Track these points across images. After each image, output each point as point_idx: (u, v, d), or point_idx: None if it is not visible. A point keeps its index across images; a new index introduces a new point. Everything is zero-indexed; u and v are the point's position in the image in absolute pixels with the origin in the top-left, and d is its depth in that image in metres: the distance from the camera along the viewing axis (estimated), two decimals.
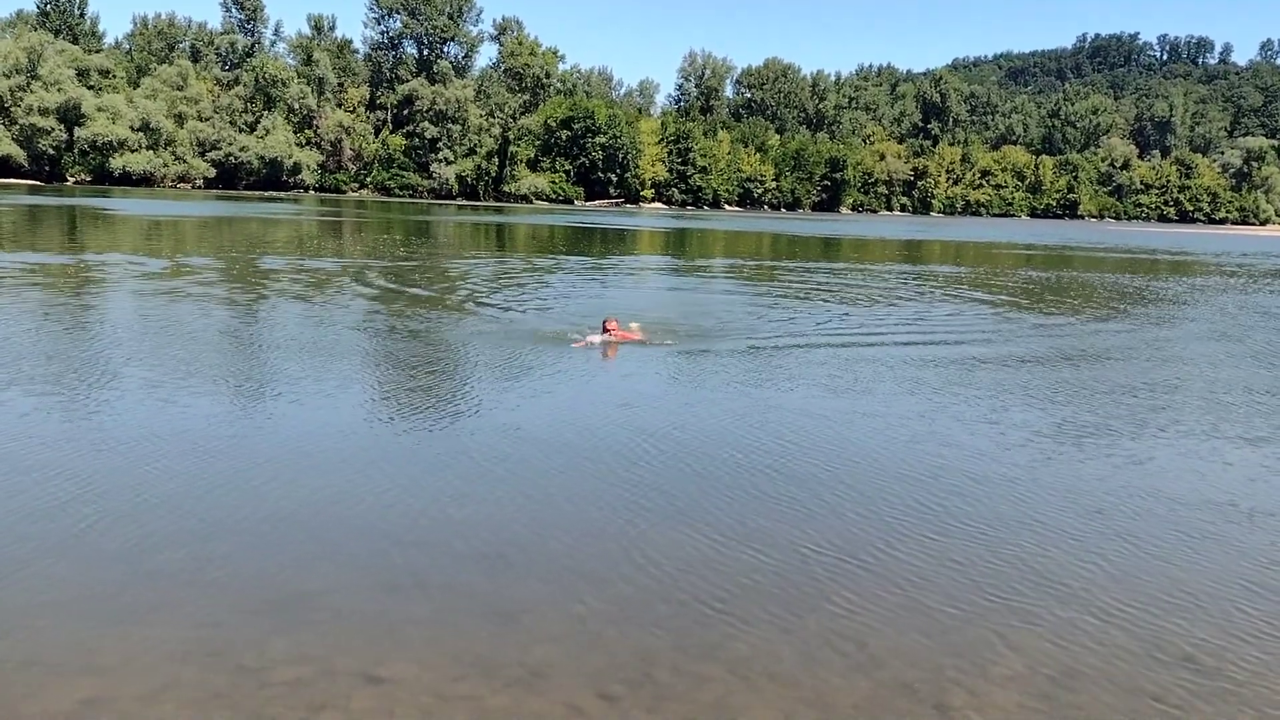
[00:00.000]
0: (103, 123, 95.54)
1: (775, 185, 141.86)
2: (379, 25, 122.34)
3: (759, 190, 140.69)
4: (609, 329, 14.96)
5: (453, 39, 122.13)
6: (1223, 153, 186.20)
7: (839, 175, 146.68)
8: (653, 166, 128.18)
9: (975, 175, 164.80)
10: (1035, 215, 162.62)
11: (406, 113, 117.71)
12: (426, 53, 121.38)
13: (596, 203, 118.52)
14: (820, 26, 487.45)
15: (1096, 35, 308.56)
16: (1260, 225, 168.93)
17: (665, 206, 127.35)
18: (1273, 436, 10.62)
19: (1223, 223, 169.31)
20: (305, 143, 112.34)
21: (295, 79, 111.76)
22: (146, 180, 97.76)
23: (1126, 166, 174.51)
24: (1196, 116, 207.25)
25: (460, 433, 9.55)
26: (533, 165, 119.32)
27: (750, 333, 17.01)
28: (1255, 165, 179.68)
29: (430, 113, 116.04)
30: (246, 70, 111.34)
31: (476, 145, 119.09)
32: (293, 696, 4.63)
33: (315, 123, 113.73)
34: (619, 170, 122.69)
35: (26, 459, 7.95)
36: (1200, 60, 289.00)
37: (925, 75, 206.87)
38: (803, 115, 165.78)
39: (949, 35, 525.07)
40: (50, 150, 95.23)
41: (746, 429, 9.95)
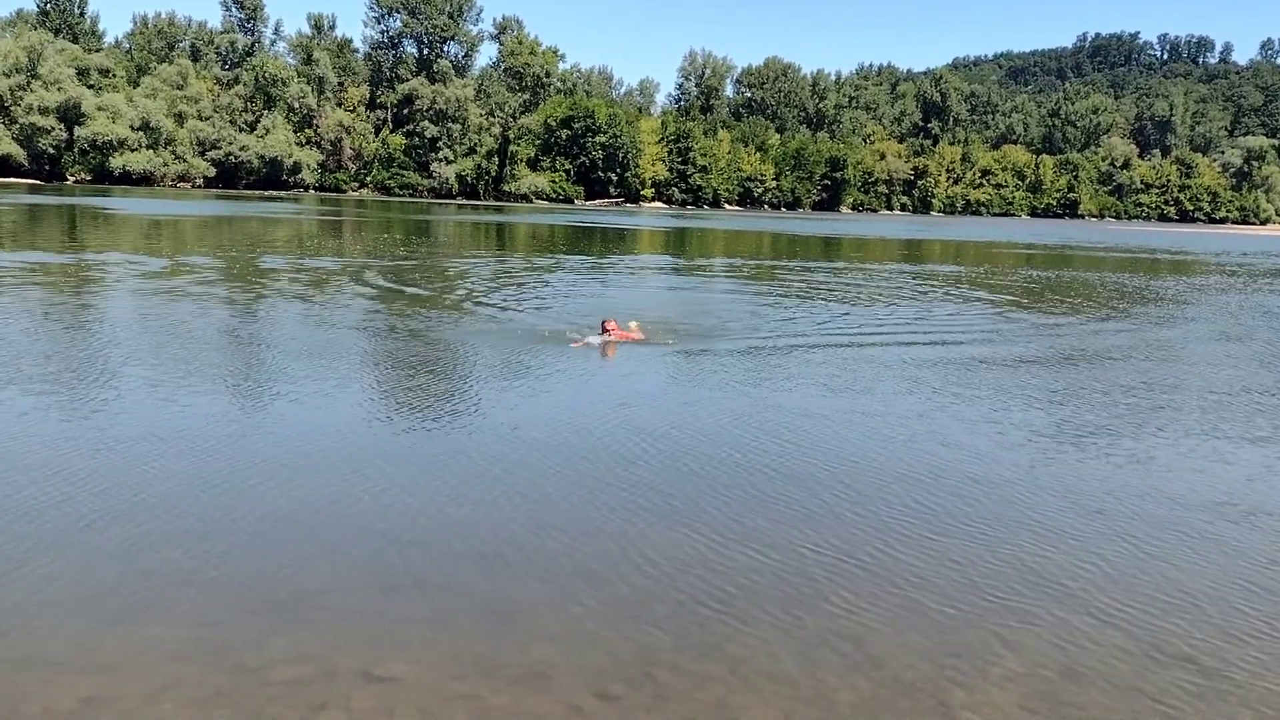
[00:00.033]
0: (103, 122, 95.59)
1: (775, 185, 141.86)
2: (379, 24, 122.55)
3: (759, 190, 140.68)
4: (608, 329, 14.92)
5: (453, 38, 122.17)
6: (1223, 152, 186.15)
7: (839, 175, 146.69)
8: (653, 166, 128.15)
9: (975, 175, 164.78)
10: (1035, 215, 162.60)
11: (406, 112, 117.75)
12: (426, 52, 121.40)
13: (596, 202, 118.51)
14: (820, 26, 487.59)
15: (1097, 35, 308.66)
16: (1260, 225, 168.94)
17: (665, 206, 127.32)
18: (1273, 436, 10.62)
19: (1223, 222, 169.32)
20: (305, 142, 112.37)
21: (295, 78, 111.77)
22: (146, 179, 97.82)
23: (1127, 166, 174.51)
24: (1197, 116, 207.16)
25: (459, 432, 9.55)
26: (533, 165, 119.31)
27: (750, 332, 17.01)
28: (1255, 165, 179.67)
29: (430, 112, 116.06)
30: (246, 69, 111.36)
31: (476, 144, 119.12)
32: (293, 696, 4.63)
33: (315, 122, 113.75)
34: (619, 170, 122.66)
35: (25, 458, 7.96)
36: (1200, 59, 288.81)
37: (925, 74, 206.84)
38: (803, 114, 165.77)
39: (949, 34, 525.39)
40: (50, 149, 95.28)
41: (745, 429, 9.95)
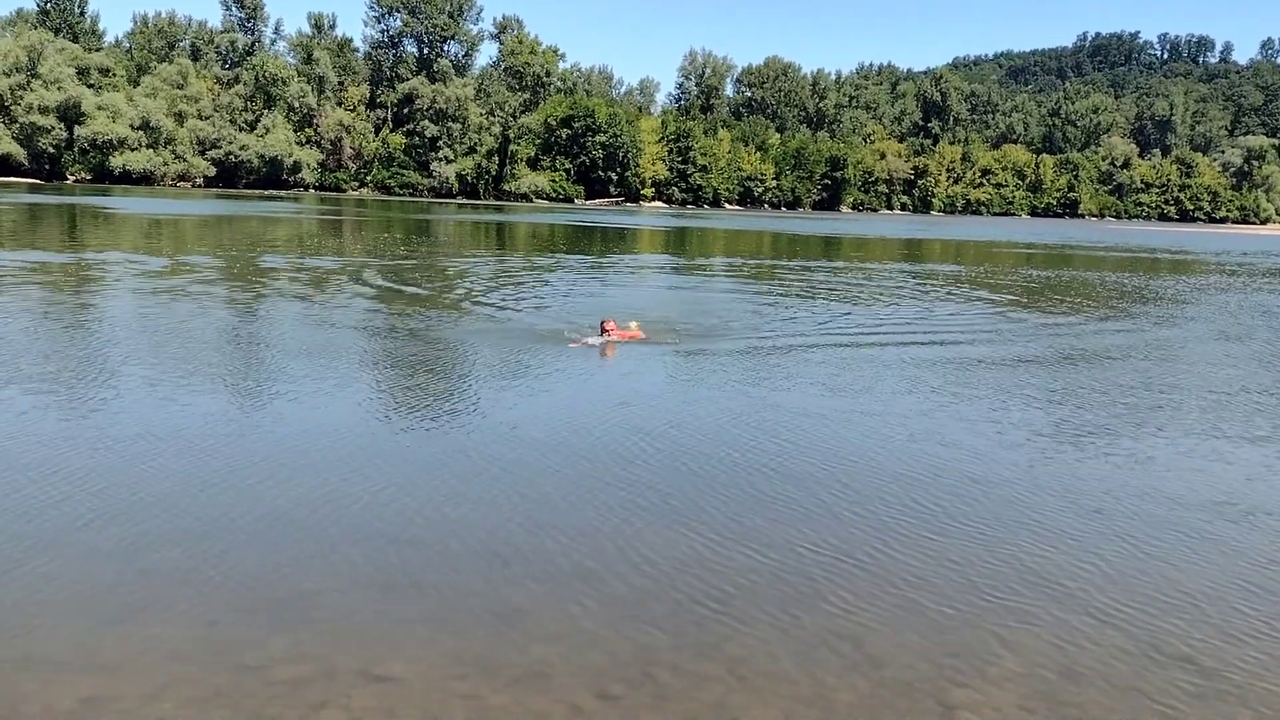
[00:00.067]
0: (103, 121, 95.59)
1: (775, 184, 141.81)
2: (379, 24, 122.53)
3: (759, 189, 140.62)
4: (607, 329, 14.88)
5: (453, 37, 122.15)
6: (1223, 152, 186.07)
7: (839, 174, 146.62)
8: (653, 165, 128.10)
9: (976, 174, 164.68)
10: (1036, 214, 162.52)
11: (407, 111, 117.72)
12: (427, 51, 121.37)
13: (597, 201, 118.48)
14: (821, 25, 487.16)
15: (1097, 34, 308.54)
16: (1261, 224, 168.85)
17: (665, 205, 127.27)
18: (1272, 436, 10.62)
19: (1223, 221, 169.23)
20: (305, 141, 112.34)
21: (295, 78, 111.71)
22: (146, 179, 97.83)
23: (1127, 165, 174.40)
24: (1197, 115, 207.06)
25: (458, 432, 9.56)
26: (533, 164, 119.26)
27: (750, 332, 17.01)
28: (1256, 164, 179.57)
29: (430, 111, 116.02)
30: (246, 69, 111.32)
31: (477, 144, 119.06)
32: (293, 695, 4.64)
33: (315, 121, 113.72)
34: (619, 169, 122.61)
35: (24, 457, 7.97)
36: (1201, 59, 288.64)
37: (926, 74, 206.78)
38: (803, 114, 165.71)
39: (949, 34, 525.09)
40: (50, 149, 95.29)
41: (744, 428, 9.95)
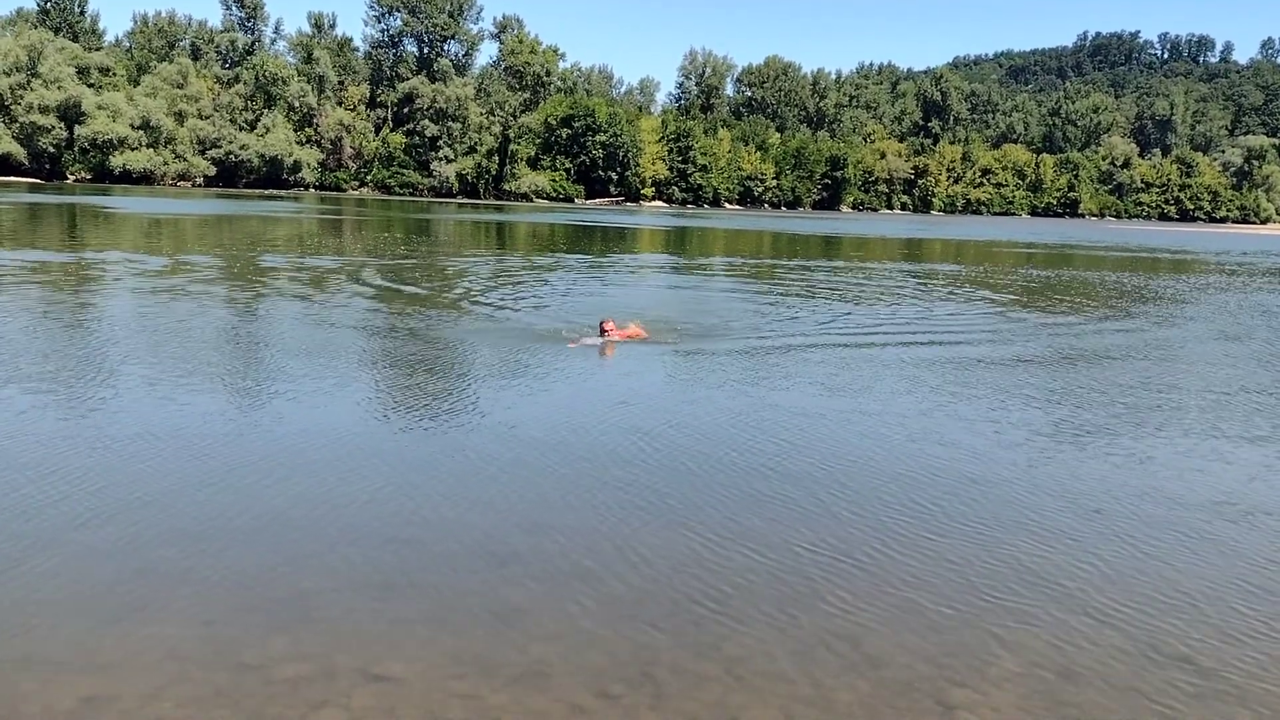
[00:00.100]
0: (103, 121, 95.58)
1: (776, 184, 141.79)
2: (379, 23, 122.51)
3: (759, 189, 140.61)
4: (606, 329, 14.85)
5: (453, 37, 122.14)
6: (1223, 151, 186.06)
7: (839, 174, 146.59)
8: (653, 165, 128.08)
9: (976, 174, 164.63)
10: (1036, 214, 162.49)
11: (407, 111, 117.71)
12: (427, 51, 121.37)
13: (597, 201, 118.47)
14: (821, 25, 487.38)
15: (1097, 34, 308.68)
16: (1261, 224, 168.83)
17: (666, 205, 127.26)
18: (1271, 436, 10.62)
19: (1223, 221, 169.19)
20: (305, 141, 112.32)
21: (295, 77, 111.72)
22: (146, 178, 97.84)
23: (1127, 165, 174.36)
24: (1197, 115, 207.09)
25: (457, 431, 9.57)
26: (533, 163, 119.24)
27: (750, 331, 17.01)
28: (1256, 164, 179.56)
29: (431, 111, 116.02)
30: (247, 68, 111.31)
31: (477, 143, 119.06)
32: (294, 694, 4.65)
33: (315, 121, 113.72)
34: (619, 168, 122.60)
35: (23, 456, 7.97)
36: (1201, 59, 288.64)
37: (926, 73, 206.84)
38: (803, 113, 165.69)
39: (950, 33, 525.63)
40: (50, 148, 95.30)
41: (743, 428, 9.96)
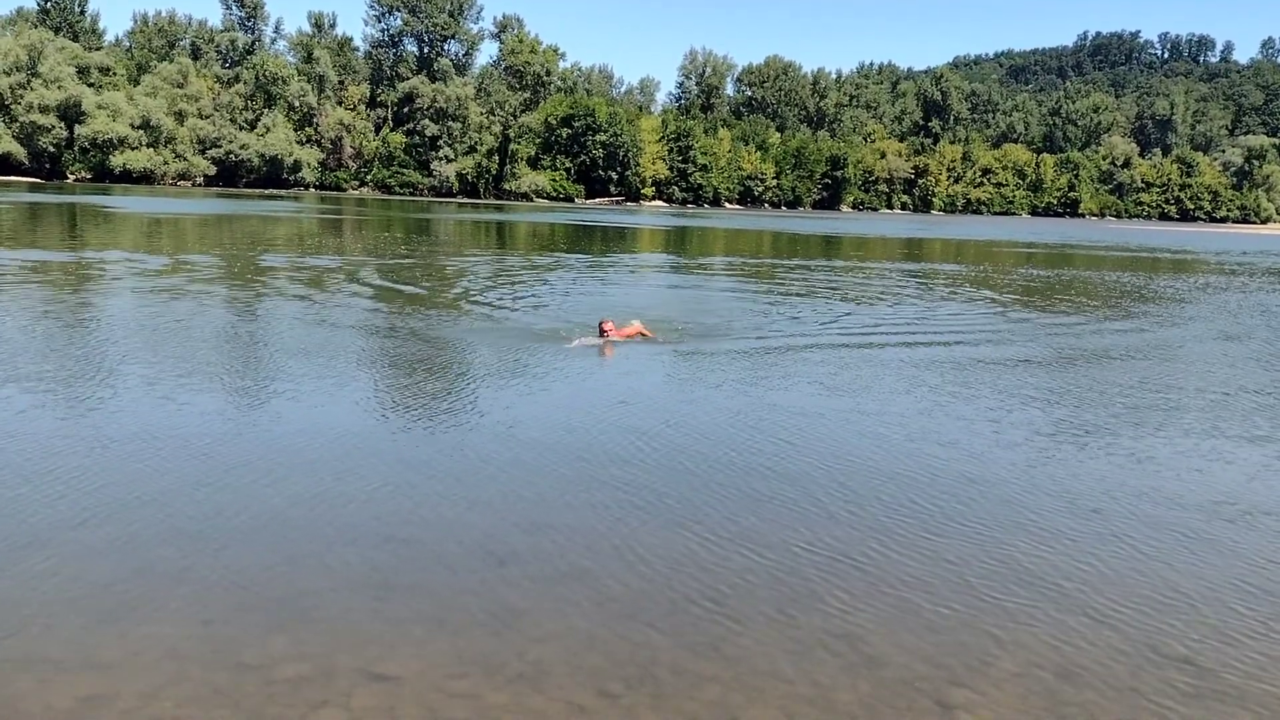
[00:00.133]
0: (103, 120, 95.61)
1: (776, 183, 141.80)
2: (379, 23, 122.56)
3: (760, 188, 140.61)
4: (605, 330, 14.84)
5: (453, 36, 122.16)
6: (1224, 151, 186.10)
7: (840, 173, 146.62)
8: (653, 164, 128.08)
9: (976, 173, 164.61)
10: (1036, 213, 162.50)
11: (407, 110, 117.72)
12: (427, 50, 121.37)
13: (597, 201, 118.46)
14: (821, 24, 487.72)
15: (1098, 33, 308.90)
16: (1261, 224, 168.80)
17: (666, 204, 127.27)
18: (1271, 436, 10.62)
19: (1224, 221, 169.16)
20: (305, 140, 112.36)
21: (295, 77, 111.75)
22: (147, 178, 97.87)
23: (1127, 165, 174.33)
24: (1198, 115, 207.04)
25: (456, 431, 9.57)
26: (533, 163, 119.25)
27: (749, 331, 17.02)
28: (1256, 164, 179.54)
29: (431, 110, 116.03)
30: (247, 68, 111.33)
31: (477, 143, 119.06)
32: (294, 694, 4.65)
33: (315, 120, 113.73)
34: (619, 168, 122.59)
35: (21, 455, 7.98)
36: (1201, 58, 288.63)
37: (926, 73, 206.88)
38: (803, 113, 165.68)
39: (950, 33, 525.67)
40: (50, 148, 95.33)
41: (742, 428, 9.96)
